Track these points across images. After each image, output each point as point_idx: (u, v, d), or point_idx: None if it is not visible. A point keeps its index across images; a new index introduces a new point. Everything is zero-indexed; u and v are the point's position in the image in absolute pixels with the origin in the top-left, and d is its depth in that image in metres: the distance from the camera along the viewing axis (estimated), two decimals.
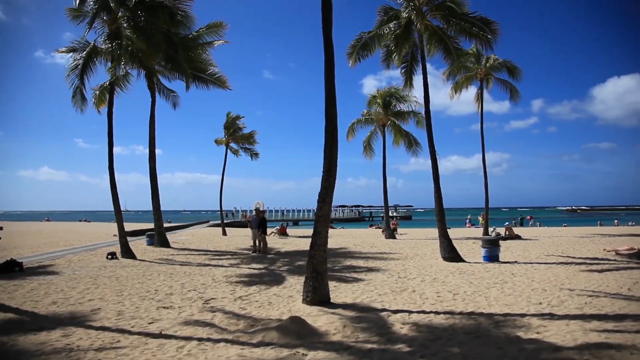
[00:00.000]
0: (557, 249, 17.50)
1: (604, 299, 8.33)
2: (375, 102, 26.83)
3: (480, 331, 6.33)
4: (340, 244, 21.23)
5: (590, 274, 11.23)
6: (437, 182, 15.09)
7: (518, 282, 10.28)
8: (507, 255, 15.20)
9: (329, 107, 8.60)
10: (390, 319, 7.06)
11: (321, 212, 8.39)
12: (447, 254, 14.21)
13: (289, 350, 5.50)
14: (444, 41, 15.84)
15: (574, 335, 6.03)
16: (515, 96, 25.68)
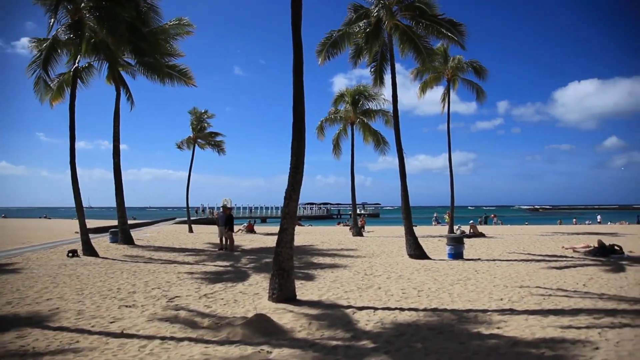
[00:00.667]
0: (519, 247, 17.99)
1: (561, 295, 8.61)
2: (343, 100, 26.93)
3: (443, 327, 6.44)
4: (308, 241, 21.24)
5: (549, 271, 11.59)
6: (404, 180, 15.27)
7: (481, 278, 10.51)
8: (471, 253, 15.53)
9: (297, 104, 8.57)
10: (356, 315, 7.11)
11: (288, 209, 8.36)
12: (412, 251, 14.41)
13: (253, 347, 5.47)
14: (413, 41, 16.01)
15: (532, 329, 6.21)
16: (481, 96, 26.15)
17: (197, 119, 30.63)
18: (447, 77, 25.57)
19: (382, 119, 26.33)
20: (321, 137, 27.60)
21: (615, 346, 5.48)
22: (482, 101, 26.46)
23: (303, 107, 8.61)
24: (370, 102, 26.61)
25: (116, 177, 19.41)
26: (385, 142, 26.81)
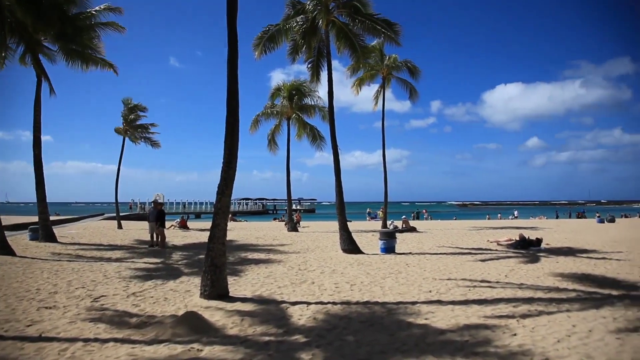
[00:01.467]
0: (448, 241, 18.75)
1: (484, 286, 9.07)
2: (279, 94, 26.84)
3: (374, 319, 6.59)
4: (242, 236, 21.02)
5: (474, 264, 12.16)
6: (339, 176, 15.45)
7: (411, 272, 10.85)
8: (403, 247, 15.98)
9: (231, 98, 8.43)
10: (289, 310, 7.12)
11: (220, 204, 8.21)
12: (346, 246, 14.63)
13: (183, 346, 5.34)
14: (350, 38, 16.21)
15: (457, 319, 6.51)
16: (414, 95, 26.90)
17: (128, 109, 29.29)
18: (383, 75, 26.12)
19: (319, 115, 26.52)
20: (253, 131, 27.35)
21: (531, 332, 5.88)
22: (414, 100, 27.25)
23: (237, 101, 8.48)
24: (308, 98, 26.72)
25: (37, 170, 18.20)
26: (322, 138, 27.03)
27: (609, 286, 9.02)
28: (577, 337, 5.66)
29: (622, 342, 5.46)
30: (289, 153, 26.74)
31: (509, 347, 5.28)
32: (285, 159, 26.84)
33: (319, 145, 27.04)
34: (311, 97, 26.65)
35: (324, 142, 26.92)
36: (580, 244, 17.40)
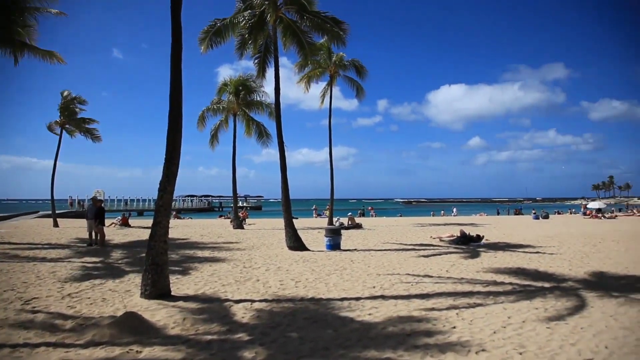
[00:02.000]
0: (393, 237, 19.16)
1: (427, 281, 9.35)
2: (226, 90, 26.43)
3: (318, 316, 6.64)
4: (186, 234, 20.55)
5: (418, 259, 12.49)
6: (285, 173, 15.43)
7: (356, 268, 10.99)
8: (348, 244, 16.18)
9: (174, 92, 8.22)
10: (233, 309, 7.04)
11: (162, 201, 8.00)
12: (292, 243, 14.64)
13: (121, 348, 5.16)
14: (297, 35, 16.19)
15: (400, 314, 6.68)
16: (361, 94, 27.28)
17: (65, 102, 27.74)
18: (330, 73, 26.30)
19: (267, 111, 26.31)
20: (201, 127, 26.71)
21: (470, 324, 6.13)
22: (361, 98, 27.64)
23: (180, 95, 8.28)
24: (255, 94, 26.46)
25: None
26: (268, 135, 26.85)
27: (541, 279, 9.55)
28: (511, 327, 5.97)
29: (552, 330, 5.82)
30: (234, 149, 26.43)
31: (448, 340, 5.47)
32: (231, 155, 26.52)
33: (265, 142, 26.87)
34: (258, 93, 26.42)
35: (270, 139, 26.78)
36: (517, 239, 18.27)
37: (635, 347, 5.23)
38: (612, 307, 7.05)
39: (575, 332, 5.75)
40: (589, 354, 4.97)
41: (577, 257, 12.94)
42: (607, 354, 4.98)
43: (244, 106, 26.24)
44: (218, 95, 27.03)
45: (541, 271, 10.58)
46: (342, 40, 15.99)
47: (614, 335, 5.62)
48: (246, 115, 26.48)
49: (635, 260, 12.18)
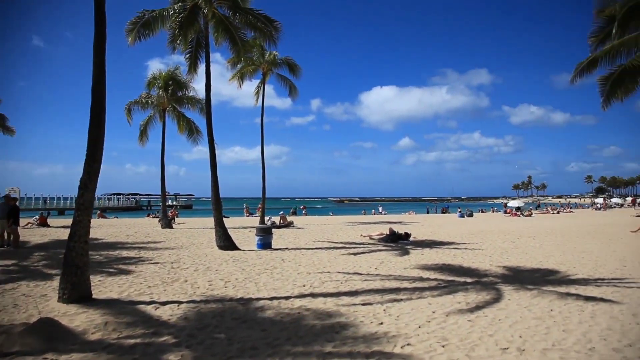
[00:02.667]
0: (324, 236, 19.36)
1: (356, 278, 9.53)
2: (155, 84, 25.53)
3: (247, 316, 6.59)
4: (111, 234, 19.63)
5: (348, 257, 12.71)
6: (215, 171, 15.14)
7: (287, 267, 11.01)
8: (279, 243, 16.16)
9: (97, 86, 7.83)
10: (158, 311, 6.81)
11: (83, 199, 7.59)
12: (222, 242, 14.41)
13: (34, 357, 4.85)
14: (230, 31, 15.92)
15: (329, 311, 6.78)
16: (294, 92, 27.25)
17: None
18: (263, 70, 26.09)
19: (198, 107, 25.65)
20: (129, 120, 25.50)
21: (396, 319, 6.34)
22: (294, 97, 27.65)
23: (103, 89, 7.90)
24: (186, 89, 25.75)
25: None
26: (199, 132, 26.20)
27: (464, 274, 10.04)
28: (435, 321, 6.24)
29: (473, 323, 6.15)
30: (163, 146, 25.54)
31: (375, 335, 5.62)
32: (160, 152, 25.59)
33: (196, 139, 26.21)
34: (189, 89, 25.74)
35: (201, 136, 26.13)
36: (443, 237, 19.07)
37: (545, 335, 5.63)
38: (527, 299, 7.55)
39: (494, 324, 6.10)
40: (505, 344, 5.30)
41: (497, 252, 13.72)
42: (520, 343, 5.33)
43: (174, 102, 25.45)
44: (147, 89, 26.04)
45: (464, 267, 11.12)
46: (274, 39, 15.93)
47: (528, 325, 6.02)
48: (176, 111, 25.70)
49: (547, 255, 13.09)
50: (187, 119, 26.04)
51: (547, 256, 12.89)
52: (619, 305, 7.06)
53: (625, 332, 5.71)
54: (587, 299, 7.53)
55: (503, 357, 4.92)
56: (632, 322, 6.17)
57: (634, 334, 5.66)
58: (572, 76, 15.61)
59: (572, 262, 11.63)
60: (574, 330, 5.79)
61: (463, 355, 4.98)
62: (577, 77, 15.50)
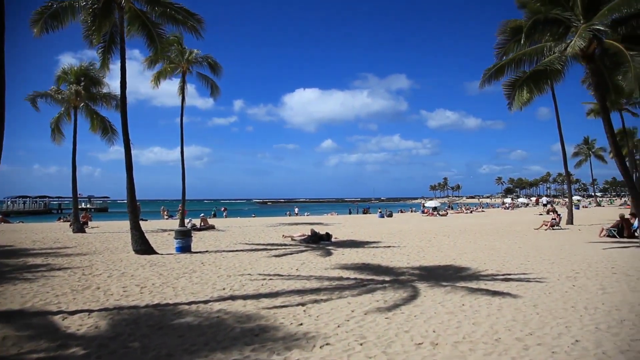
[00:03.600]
0: (245, 238, 19.15)
1: (277, 280, 9.51)
2: (66, 79, 23.94)
3: (164, 322, 6.36)
4: (15, 240, 18.13)
5: (269, 259, 12.65)
6: (130, 172, 14.45)
7: (206, 270, 10.77)
8: (199, 246, 15.78)
9: None
10: (66, 321, 6.40)
11: None
12: (138, 246, 13.80)
13: None
14: (147, 27, 15.33)
15: (248, 314, 6.73)
16: (215, 92, 26.68)
17: None
18: (183, 69, 25.34)
19: (114, 105, 24.37)
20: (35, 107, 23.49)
21: (316, 320, 6.40)
22: (216, 97, 27.12)
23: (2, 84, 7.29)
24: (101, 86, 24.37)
25: None
26: (114, 131, 24.89)
27: (383, 273, 10.34)
28: (354, 320, 6.36)
29: (390, 320, 6.35)
30: (75, 145, 23.93)
31: (295, 336, 5.64)
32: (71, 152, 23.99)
33: (111, 138, 24.90)
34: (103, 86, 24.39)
35: (116, 136, 24.88)
36: (364, 237, 19.53)
37: (456, 328, 5.93)
38: (441, 295, 7.92)
39: (410, 320, 6.34)
40: (419, 339, 5.51)
41: (414, 251, 14.27)
42: (434, 337, 5.57)
43: (87, 99, 24.02)
44: (57, 84, 24.32)
45: (383, 266, 11.45)
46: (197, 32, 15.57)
47: (441, 320, 6.32)
48: (89, 108, 24.28)
49: (460, 252, 13.81)
50: (102, 117, 24.69)
51: (460, 254, 13.60)
52: (522, 298, 7.59)
53: (527, 322, 6.15)
54: (495, 293, 8.02)
55: (417, 351, 5.12)
56: (533, 312, 6.66)
57: (535, 323, 6.12)
58: (481, 82, 16.60)
59: (482, 259, 12.35)
60: (483, 323, 6.15)
61: (380, 352, 5.12)
62: (486, 83, 16.49)
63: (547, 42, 14.71)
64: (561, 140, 27.60)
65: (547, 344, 5.29)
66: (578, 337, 5.51)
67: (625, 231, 16.88)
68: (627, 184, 15.30)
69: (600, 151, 68.45)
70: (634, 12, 12.83)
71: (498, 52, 16.12)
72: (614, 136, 14.89)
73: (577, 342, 5.31)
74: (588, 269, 10.32)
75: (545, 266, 10.92)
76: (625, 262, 11.26)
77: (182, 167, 24.79)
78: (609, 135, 14.71)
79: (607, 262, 11.23)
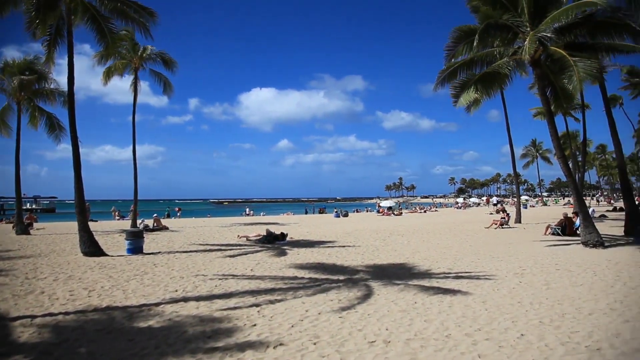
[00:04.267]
0: (200, 238, 18.81)
1: (231, 281, 9.40)
2: (9, 72, 22.74)
3: (113, 326, 6.17)
4: None
5: (224, 260, 12.48)
6: (78, 171, 13.86)
7: (159, 272, 10.50)
8: (152, 247, 15.39)
9: None
10: (7, 328, 6.08)
11: None
12: (87, 248, 13.27)
13: None
14: (97, 21, 14.77)
15: (201, 315, 6.63)
16: (168, 90, 26.05)
17: None
18: (135, 66, 24.64)
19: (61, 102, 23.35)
20: None
21: (270, 320, 6.36)
22: (169, 94, 26.54)
23: None
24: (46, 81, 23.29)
25: None
26: (62, 128, 23.85)
27: (337, 272, 10.39)
28: (308, 320, 6.36)
29: (344, 319, 6.38)
30: (18, 143, 22.75)
31: (248, 338, 5.58)
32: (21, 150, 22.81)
33: (58, 136, 23.86)
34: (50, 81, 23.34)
35: (64, 133, 23.86)
36: (319, 236, 19.58)
37: (408, 326, 6.03)
38: (394, 293, 8.03)
39: (363, 319, 6.39)
40: (372, 337, 5.57)
41: (369, 250, 14.43)
42: (387, 335, 5.65)
43: (31, 94, 22.91)
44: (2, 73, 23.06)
45: (338, 265, 11.52)
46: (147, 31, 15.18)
47: (394, 318, 6.40)
48: (33, 104, 23.16)
49: (414, 251, 14.08)
50: (48, 114, 23.62)
51: (413, 252, 13.85)
52: (472, 295, 7.81)
53: (476, 318, 6.33)
54: (446, 290, 8.22)
55: (370, 350, 5.17)
56: (482, 309, 6.87)
57: (483, 319, 6.30)
58: (435, 85, 16.95)
59: (435, 258, 12.63)
60: (434, 320, 6.28)
61: (333, 351, 5.14)
62: (439, 85, 16.86)
63: (497, 47, 15.21)
64: (510, 143, 28.60)
65: (494, 338, 5.46)
66: (523, 331, 5.73)
67: (568, 229, 17.71)
68: (570, 185, 16.00)
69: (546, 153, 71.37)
70: (573, 22, 13.49)
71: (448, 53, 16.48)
72: (558, 139, 15.54)
73: (523, 336, 5.51)
74: (534, 266, 10.74)
75: (495, 264, 11.29)
76: (568, 258, 11.79)
77: (134, 166, 24.15)
78: (553, 138, 15.34)
79: (552, 259, 11.73)
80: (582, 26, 13.95)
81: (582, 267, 10.38)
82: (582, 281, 8.86)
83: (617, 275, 9.40)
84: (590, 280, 8.90)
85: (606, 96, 19.36)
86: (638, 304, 7.07)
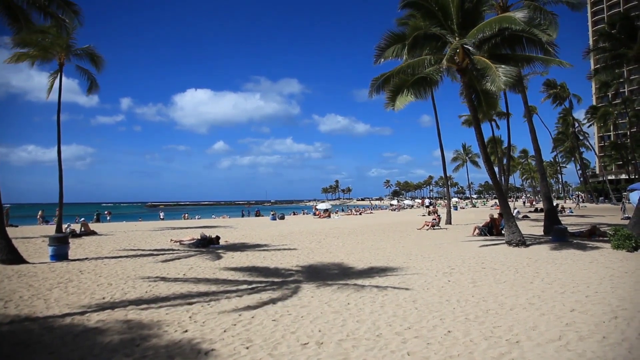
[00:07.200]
0: (130, 243, 18.10)
1: (162, 286, 9.14)
2: None
3: (32, 338, 5.82)
4: None
5: (155, 265, 12.10)
6: None
7: (85, 279, 10.02)
8: (79, 252, 14.65)
9: None
10: None
11: None
12: (5, 255, 12.35)
13: None
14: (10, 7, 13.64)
15: (130, 322, 6.45)
16: (94, 88, 24.68)
17: None
18: (59, 60, 23.26)
19: None
20: None
21: (202, 326, 6.26)
22: (95, 92, 25.10)
23: None
24: None
25: None
26: None
27: (272, 275, 10.38)
28: (241, 324, 6.31)
29: (277, 322, 6.42)
30: None
31: (179, 344, 5.46)
32: None
33: None
34: None
35: None
36: (255, 239, 19.43)
37: (341, 327, 6.14)
38: (328, 294, 8.13)
39: (297, 321, 6.43)
40: (305, 339, 5.62)
41: (304, 252, 14.50)
42: (320, 337, 5.73)
43: None
44: None
45: (272, 268, 11.49)
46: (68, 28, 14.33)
47: (327, 319, 6.49)
48: None
49: (349, 253, 14.31)
50: None
51: (348, 254, 14.08)
52: (403, 294, 8.07)
53: (406, 317, 6.55)
54: (378, 291, 8.43)
55: (303, 351, 5.21)
56: (412, 307, 7.11)
57: (413, 317, 6.53)
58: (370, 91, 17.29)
59: (368, 259, 12.90)
60: (366, 320, 6.43)
61: (266, 354, 5.13)
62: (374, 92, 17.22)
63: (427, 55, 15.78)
64: (441, 147, 29.72)
65: (423, 336, 5.67)
66: (450, 327, 5.99)
67: (494, 229, 18.68)
68: (495, 187, 16.88)
69: (475, 157, 75.02)
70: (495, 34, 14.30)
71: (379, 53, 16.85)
72: (484, 144, 16.36)
73: (449, 333, 5.77)
74: (462, 265, 11.25)
75: (425, 264, 11.70)
76: (493, 257, 12.44)
77: (60, 167, 22.75)
78: (479, 144, 16.15)
79: (478, 258, 12.33)
80: (503, 39, 14.83)
81: (505, 265, 11.00)
82: (505, 278, 9.39)
83: (536, 272, 10.05)
84: (513, 278, 9.46)
85: (527, 104, 20.69)
86: (553, 298, 7.59)
